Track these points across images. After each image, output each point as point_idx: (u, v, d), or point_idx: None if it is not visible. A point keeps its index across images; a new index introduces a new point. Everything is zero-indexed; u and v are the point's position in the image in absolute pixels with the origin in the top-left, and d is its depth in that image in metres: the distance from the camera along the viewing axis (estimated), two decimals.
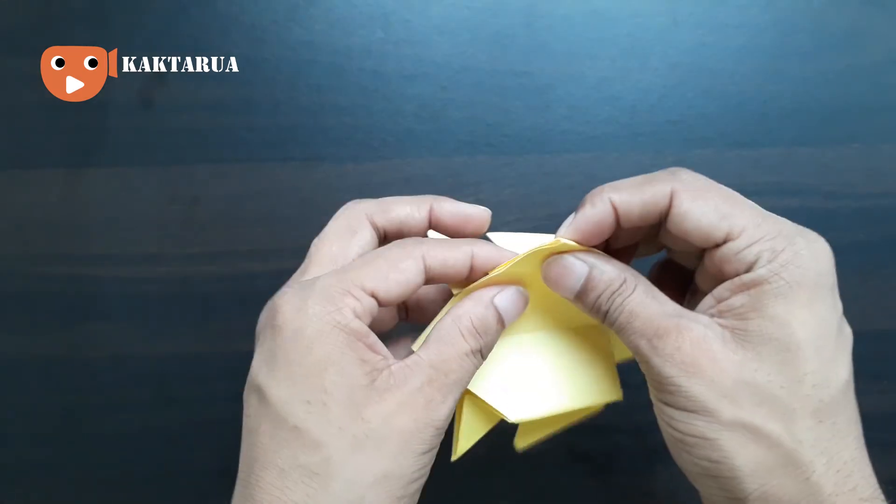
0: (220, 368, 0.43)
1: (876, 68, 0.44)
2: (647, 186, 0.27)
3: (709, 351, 0.25)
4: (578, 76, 0.43)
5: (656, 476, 0.43)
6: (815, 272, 0.25)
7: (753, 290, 0.25)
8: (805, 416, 0.25)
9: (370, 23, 0.43)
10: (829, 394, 0.25)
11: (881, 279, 0.44)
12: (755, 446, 0.25)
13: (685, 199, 0.26)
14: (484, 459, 0.44)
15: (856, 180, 0.44)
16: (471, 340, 0.27)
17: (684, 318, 0.26)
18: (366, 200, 0.30)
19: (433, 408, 0.26)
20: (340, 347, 0.25)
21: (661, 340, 0.26)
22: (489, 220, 0.31)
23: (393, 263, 0.27)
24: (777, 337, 0.25)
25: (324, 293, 0.26)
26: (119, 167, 0.43)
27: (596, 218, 0.27)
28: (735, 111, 0.44)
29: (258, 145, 0.43)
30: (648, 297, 0.27)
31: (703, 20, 0.44)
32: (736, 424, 0.25)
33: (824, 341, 0.25)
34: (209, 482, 0.43)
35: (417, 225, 0.30)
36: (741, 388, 0.25)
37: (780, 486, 0.25)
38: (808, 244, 0.25)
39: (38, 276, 0.43)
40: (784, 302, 0.25)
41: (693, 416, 0.25)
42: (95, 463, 0.43)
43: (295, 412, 0.25)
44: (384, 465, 0.25)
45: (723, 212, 0.26)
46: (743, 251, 0.25)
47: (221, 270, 0.43)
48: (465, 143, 0.43)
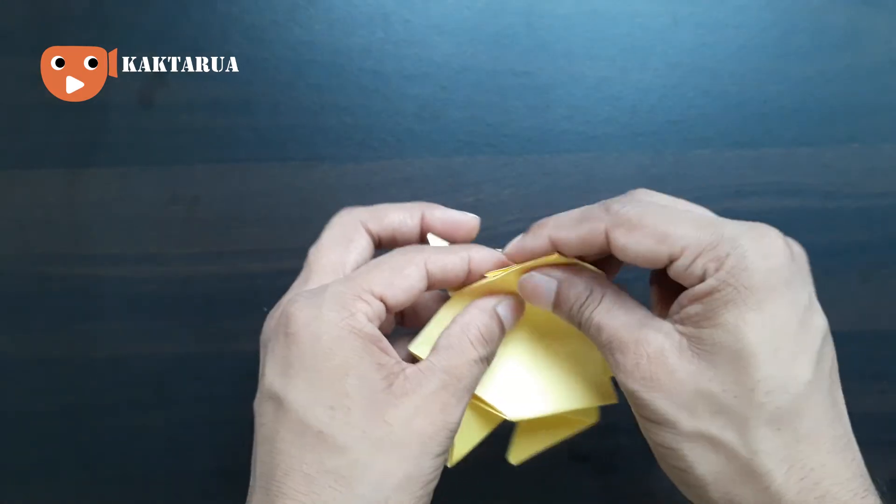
0: (221, 368, 0.43)
1: (876, 68, 0.44)
2: (584, 224, 0.28)
3: (665, 364, 0.25)
4: (578, 76, 0.43)
5: (656, 476, 0.43)
6: (763, 272, 0.24)
7: (706, 299, 0.25)
8: (759, 425, 0.24)
9: (370, 23, 0.43)
10: (787, 399, 0.24)
11: (881, 279, 0.44)
12: (715, 456, 0.25)
13: (619, 236, 0.26)
14: (484, 459, 0.44)
15: (856, 180, 0.44)
16: (479, 348, 0.28)
17: (645, 329, 0.26)
18: (359, 208, 0.31)
19: (448, 411, 0.27)
20: (358, 352, 0.26)
21: (623, 356, 0.26)
22: (478, 227, 0.32)
23: (398, 270, 0.28)
24: (728, 345, 0.24)
25: (336, 299, 0.26)
26: (119, 167, 0.43)
27: (532, 248, 0.29)
28: (735, 111, 0.44)
29: (258, 145, 0.43)
30: (615, 308, 0.28)
31: (702, 20, 0.44)
32: (695, 435, 0.25)
33: (780, 344, 0.24)
34: (209, 482, 0.43)
35: (410, 231, 0.31)
36: (698, 399, 0.25)
37: (741, 495, 0.25)
38: (753, 243, 0.25)
39: (38, 276, 0.43)
40: (734, 308, 0.24)
41: (658, 426, 0.26)
42: (95, 463, 0.43)
43: (318, 418, 0.25)
44: (406, 467, 0.25)
45: (659, 235, 0.26)
46: (689, 267, 0.25)
47: (221, 270, 0.43)
48: (465, 143, 0.43)
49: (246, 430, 0.43)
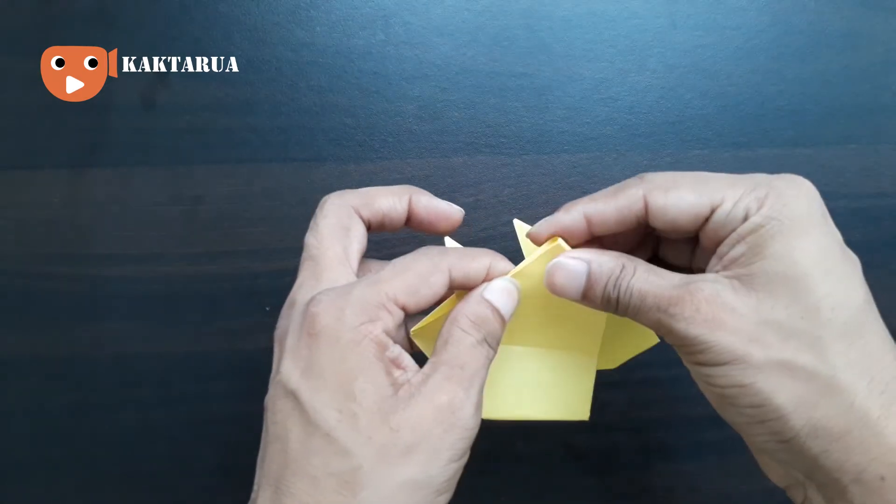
0: (223, 367, 0.43)
1: (873, 69, 0.44)
2: (620, 194, 0.28)
3: (724, 303, 0.25)
4: (577, 77, 0.44)
5: (654, 474, 0.44)
6: (803, 204, 0.26)
7: (750, 238, 0.25)
8: (834, 341, 0.24)
9: (371, 24, 0.43)
10: (850, 314, 0.25)
11: (878, 279, 0.44)
12: (792, 382, 0.25)
13: (658, 197, 0.27)
14: (484, 458, 0.44)
15: (852, 181, 0.44)
16: (473, 332, 0.28)
17: (692, 283, 0.26)
18: (348, 193, 0.31)
19: (457, 405, 0.26)
20: (370, 358, 0.26)
21: (678, 307, 0.26)
22: (461, 221, 0.32)
23: (424, 278, 0.28)
24: (783, 271, 0.25)
25: (361, 304, 0.27)
26: (120, 167, 0.43)
27: (565, 225, 0.29)
28: (732, 112, 0.44)
29: (259, 146, 0.43)
30: (652, 275, 0.27)
31: (700, 22, 0.44)
32: (769, 364, 0.25)
33: (830, 264, 0.25)
34: (211, 480, 0.43)
35: (399, 217, 0.31)
36: (765, 329, 0.25)
37: (826, 416, 0.24)
38: (787, 183, 0.26)
39: (41, 276, 0.43)
40: (781, 238, 0.25)
41: (726, 367, 0.25)
42: (98, 461, 0.43)
43: (327, 420, 0.25)
44: (412, 472, 0.25)
45: (698, 190, 0.27)
46: (731, 212, 0.26)
47: (223, 270, 0.43)
48: (464, 144, 0.44)
49: (247, 429, 0.43)
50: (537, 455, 0.44)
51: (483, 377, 0.28)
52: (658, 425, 0.44)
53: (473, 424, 0.27)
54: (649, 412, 0.44)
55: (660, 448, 0.44)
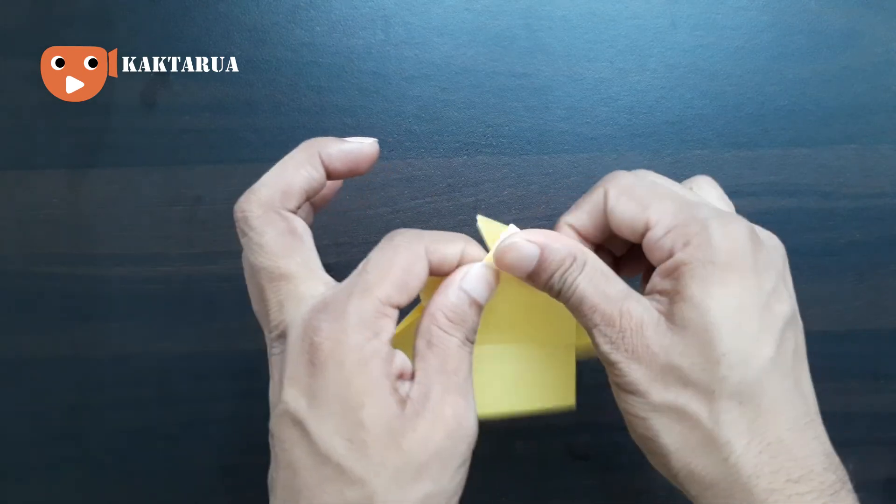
0: (222, 367, 0.43)
1: (873, 69, 0.44)
2: (588, 198, 0.30)
3: (644, 337, 0.26)
4: (577, 77, 0.44)
5: (655, 473, 0.44)
6: (726, 252, 0.26)
7: (675, 274, 0.26)
8: (723, 398, 0.25)
9: (371, 24, 0.43)
10: (750, 374, 0.25)
11: (878, 279, 0.44)
12: (679, 426, 0.26)
13: (612, 197, 0.28)
14: (484, 458, 0.44)
15: (852, 181, 0.44)
16: (455, 332, 0.28)
17: (627, 302, 0.27)
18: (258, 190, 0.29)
19: (460, 414, 0.26)
20: (376, 378, 0.26)
21: (608, 327, 0.27)
22: (377, 151, 0.31)
23: (408, 270, 0.27)
24: (695, 319, 0.26)
25: (360, 319, 0.26)
26: (120, 167, 0.43)
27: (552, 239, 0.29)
28: (732, 112, 0.44)
29: (260, 146, 0.43)
30: (597, 277, 0.28)
31: (700, 22, 0.44)
32: (664, 406, 0.26)
33: (742, 320, 0.26)
34: (211, 480, 0.43)
35: (320, 182, 0.30)
36: (669, 372, 0.26)
37: (701, 466, 0.26)
38: (720, 226, 0.26)
39: (41, 276, 0.43)
40: (700, 282, 0.26)
41: (631, 396, 0.27)
42: (97, 461, 0.43)
43: (337, 450, 0.25)
44: (426, 489, 0.25)
45: (644, 204, 0.28)
46: (661, 239, 0.27)
47: (223, 270, 0.43)
48: (464, 144, 0.44)
49: (247, 429, 0.44)
50: (537, 455, 0.44)
51: (471, 371, 0.28)
52: None
53: (475, 429, 0.27)
54: None
55: None
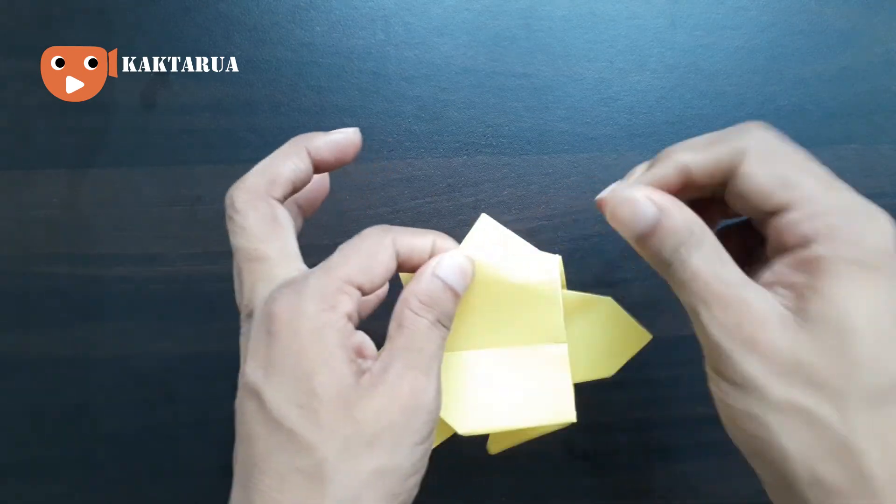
0: (222, 367, 0.43)
1: (873, 69, 0.44)
2: (720, 145, 0.26)
3: (767, 329, 0.24)
4: (577, 77, 0.44)
5: (655, 474, 0.44)
6: (875, 251, 0.24)
7: (812, 268, 0.24)
8: (860, 403, 0.24)
9: (371, 24, 0.43)
10: (887, 381, 0.24)
11: None
12: (805, 428, 0.24)
13: (753, 161, 0.25)
14: (484, 458, 0.44)
15: (853, 181, 0.43)
16: (425, 314, 0.27)
17: (747, 290, 0.25)
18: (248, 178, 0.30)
19: (418, 392, 0.26)
20: (331, 348, 0.25)
21: (723, 312, 0.25)
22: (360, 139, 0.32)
23: (372, 256, 0.27)
24: (834, 319, 0.24)
25: (318, 292, 0.26)
26: (120, 167, 0.43)
27: (659, 177, 0.27)
28: (732, 112, 0.44)
29: (259, 146, 0.43)
30: (713, 258, 0.26)
31: (700, 22, 0.44)
32: (786, 404, 0.24)
33: (885, 324, 0.24)
34: (211, 480, 0.43)
35: (307, 174, 0.30)
36: (795, 369, 0.24)
37: (830, 472, 0.24)
38: (868, 221, 0.24)
39: (40, 276, 0.43)
40: (840, 282, 0.24)
41: (742, 391, 0.25)
42: (97, 462, 0.43)
43: (289, 416, 0.25)
44: (378, 461, 0.25)
45: (786, 179, 0.25)
46: (800, 224, 0.24)
47: (223, 270, 0.43)
48: (464, 144, 0.44)
49: None
50: (537, 455, 0.44)
51: (440, 358, 0.27)
52: (658, 425, 0.44)
53: (435, 407, 0.27)
54: (649, 412, 0.44)
55: (660, 448, 0.44)
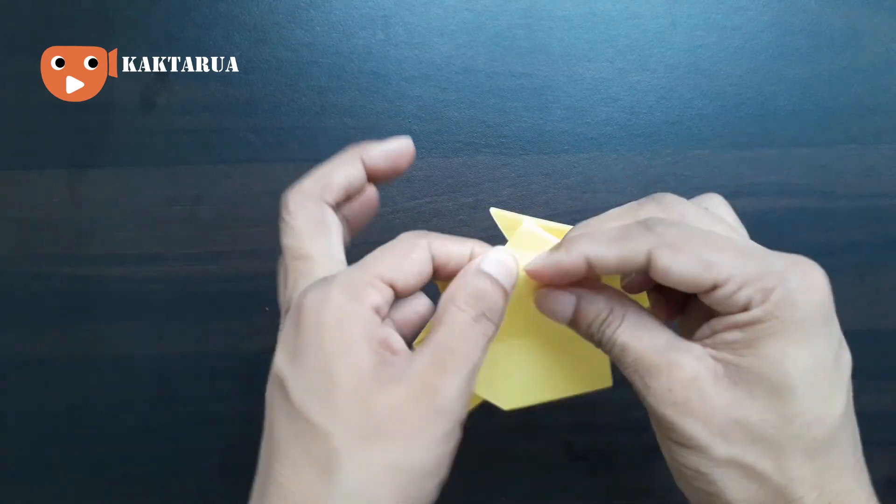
0: (223, 367, 0.43)
1: (873, 69, 0.44)
2: (625, 243, 0.26)
3: (700, 390, 0.25)
4: (577, 77, 0.44)
5: (654, 473, 0.44)
6: (809, 308, 0.24)
7: (748, 329, 0.25)
8: (796, 454, 0.25)
9: (371, 24, 0.43)
10: (823, 431, 0.25)
11: (878, 279, 0.44)
12: (747, 482, 0.25)
13: (664, 256, 0.25)
14: (484, 457, 0.44)
15: (853, 181, 0.44)
16: (468, 309, 0.26)
17: (676, 353, 0.26)
18: (304, 182, 0.30)
19: (434, 391, 0.25)
20: (354, 338, 0.25)
21: (653, 379, 0.26)
22: (413, 148, 0.32)
23: (405, 254, 0.27)
24: (769, 376, 0.25)
25: (347, 284, 0.26)
26: (120, 167, 0.43)
27: (566, 267, 0.28)
28: (732, 112, 0.44)
29: (260, 146, 0.43)
30: (639, 328, 0.27)
31: (700, 22, 0.44)
32: (729, 461, 0.25)
33: (819, 378, 0.25)
34: (212, 480, 0.43)
35: (360, 181, 0.31)
36: (734, 427, 0.25)
37: None
38: (800, 279, 0.25)
39: (41, 276, 0.43)
40: (778, 341, 0.24)
41: (687, 450, 0.26)
42: (98, 461, 0.43)
43: (307, 403, 0.25)
44: (392, 456, 0.25)
45: (705, 261, 0.25)
46: (733, 296, 0.25)
47: (223, 270, 0.43)
48: (464, 144, 0.44)
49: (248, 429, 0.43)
50: (537, 455, 0.44)
51: (476, 357, 0.27)
52: None
53: (454, 408, 0.26)
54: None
55: (660, 448, 0.44)
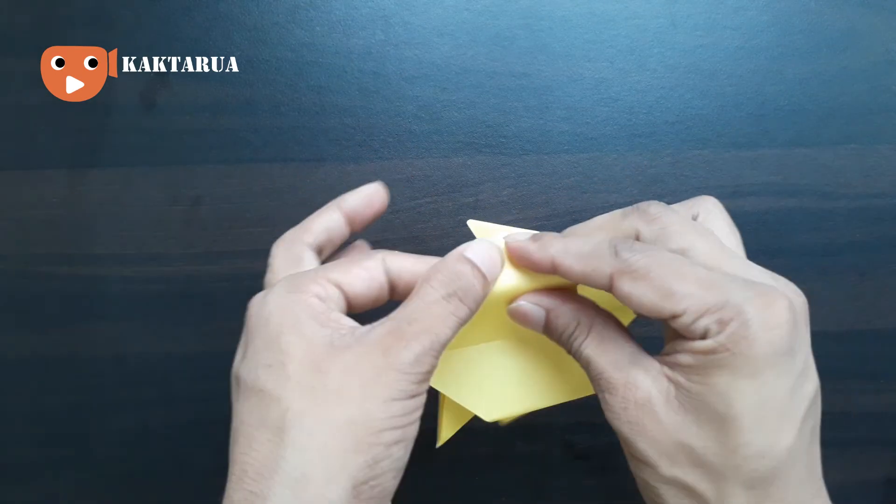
0: (223, 367, 0.43)
1: (873, 69, 0.44)
2: (591, 261, 0.27)
3: (651, 411, 0.26)
4: (577, 77, 0.44)
5: None
6: (763, 343, 0.24)
7: (700, 357, 0.25)
8: (735, 483, 0.25)
9: (371, 24, 0.43)
10: (764, 464, 0.25)
11: (878, 279, 0.44)
12: (688, 500, 0.27)
13: (623, 284, 0.26)
14: (484, 458, 0.44)
15: (853, 181, 0.44)
16: (439, 287, 0.27)
17: (634, 370, 0.27)
18: (290, 231, 0.32)
19: (393, 353, 0.25)
20: (298, 316, 0.26)
21: (612, 396, 0.27)
22: (383, 191, 0.33)
23: (355, 262, 0.28)
24: (715, 406, 0.25)
25: (289, 282, 0.27)
26: (120, 168, 0.43)
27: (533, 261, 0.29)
28: (732, 112, 0.44)
29: (260, 146, 0.43)
30: (604, 342, 0.28)
31: (700, 22, 0.44)
32: (672, 480, 0.27)
33: (766, 413, 0.25)
34: (211, 480, 0.43)
35: (338, 226, 0.32)
36: (678, 449, 0.26)
37: None
38: (758, 312, 0.25)
39: (40, 276, 0.43)
40: (728, 373, 0.25)
41: (640, 463, 0.27)
42: (97, 462, 0.43)
43: (258, 376, 0.26)
44: (346, 412, 0.24)
45: (664, 291, 0.25)
46: (692, 325, 0.25)
47: (223, 270, 0.43)
48: (464, 144, 0.44)
49: None
50: (537, 455, 0.44)
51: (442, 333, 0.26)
52: None
53: (410, 371, 0.25)
54: None
55: None
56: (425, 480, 0.28)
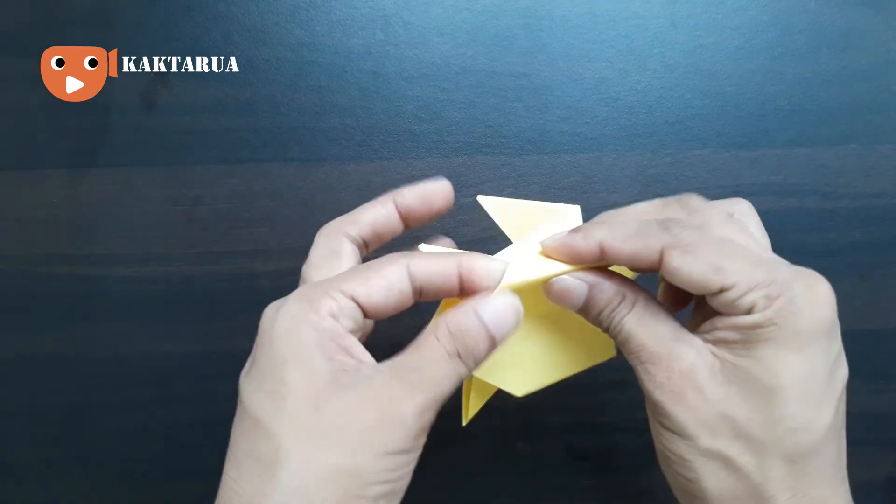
0: (223, 367, 0.43)
1: (873, 69, 0.44)
2: (639, 240, 0.27)
3: (696, 382, 0.26)
4: (577, 77, 0.44)
5: (655, 474, 0.44)
6: (810, 319, 0.25)
7: (749, 331, 0.26)
8: (777, 456, 0.26)
9: (370, 24, 0.43)
10: (806, 438, 0.26)
11: (878, 279, 0.44)
12: (725, 474, 0.26)
13: (675, 256, 0.26)
14: (484, 458, 0.44)
15: (853, 181, 0.44)
16: (445, 343, 0.26)
17: (678, 344, 0.27)
18: (336, 219, 0.31)
19: (395, 403, 0.25)
20: (305, 343, 0.25)
21: (654, 367, 0.27)
22: (450, 190, 0.32)
23: (375, 270, 0.27)
24: (762, 378, 0.25)
25: (302, 295, 0.26)
26: (120, 167, 0.43)
27: (580, 251, 0.29)
28: (732, 112, 0.44)
29: (260, 146, 0.43)
30: (646, 317, 0.28)
31: (700, 22, 0.44)
32: (711, 452, 0.26)
33: (810, 387, 0.26)
34: (211, 481, 0.43)
35: (389, 221, 0.31)
36: (721, 421, 0.26)
37: None
38: (804, 290, 0.26)
39: (40, 276, 0.43)
40: (774, 346, 0.25)
41: (676, 437, 0.27)
42: (97, 462, 0.43)
43: (257, 404, 0.25)
44: (338, 459, 0.24)
45: (715, 265, 0.26)
46: (738, 300, 0.26)
47: (223, 270, 0.43)
48: (464, 144, 0.44)
49: None
50: (537, 455, 0.44)
51: (444, 388, 0.26)
52: None
53: (411, 425, 0.25)
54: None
55: None
56: (425, 480, 0.28)
